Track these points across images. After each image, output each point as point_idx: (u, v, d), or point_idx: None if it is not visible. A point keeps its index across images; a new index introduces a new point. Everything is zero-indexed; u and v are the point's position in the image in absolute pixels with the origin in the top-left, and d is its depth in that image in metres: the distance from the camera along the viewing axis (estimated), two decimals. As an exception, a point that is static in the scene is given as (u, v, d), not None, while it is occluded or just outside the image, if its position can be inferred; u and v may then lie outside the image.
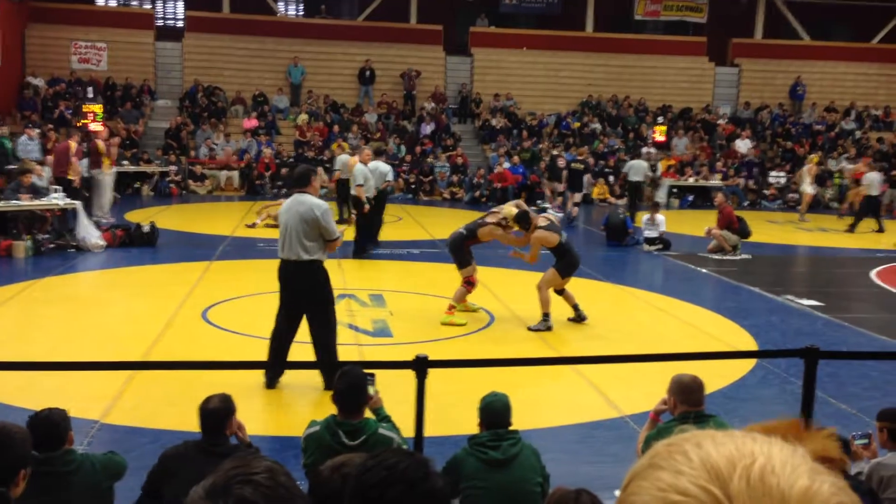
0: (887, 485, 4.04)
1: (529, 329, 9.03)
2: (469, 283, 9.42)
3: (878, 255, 15.05)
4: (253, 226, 16.05)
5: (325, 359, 6.75)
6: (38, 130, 18.66)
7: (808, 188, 19.68)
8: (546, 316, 9.05)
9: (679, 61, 27.62)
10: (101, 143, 16.36)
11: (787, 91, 27.77)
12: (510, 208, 9.60)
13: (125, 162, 21.01)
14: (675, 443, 0.70)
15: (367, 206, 12.91)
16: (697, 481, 0.64)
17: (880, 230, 17.48)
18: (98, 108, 18.02)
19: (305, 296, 6.93)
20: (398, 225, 17.29)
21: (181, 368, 6.05)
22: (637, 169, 19.25)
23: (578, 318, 9.35)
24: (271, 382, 6.82)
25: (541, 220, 9.42)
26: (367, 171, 13.07)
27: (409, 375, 4.46)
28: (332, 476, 2.48)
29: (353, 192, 13.14)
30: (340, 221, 17.04)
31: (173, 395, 6.31)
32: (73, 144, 15.34)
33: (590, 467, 5.52)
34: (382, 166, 14.08)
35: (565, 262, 9.16)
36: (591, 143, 24.03)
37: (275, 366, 6.87)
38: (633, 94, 26.73)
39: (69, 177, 14.77)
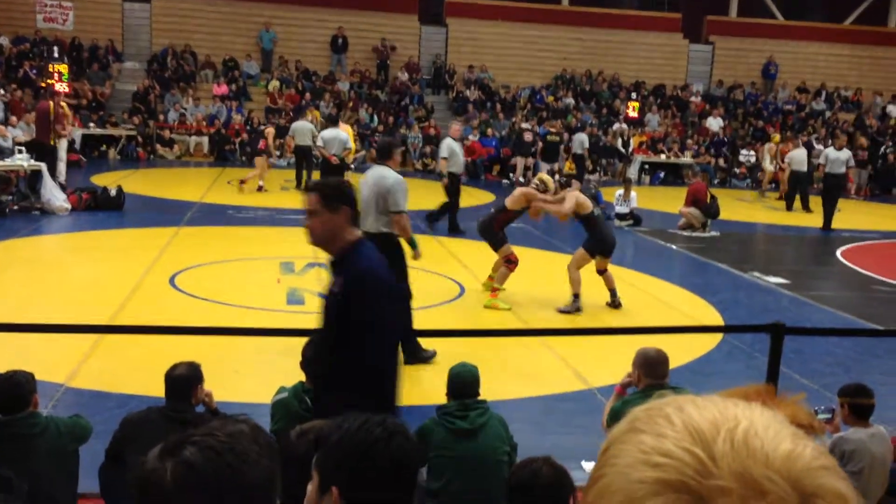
0: (849, 458, 4.12)
1: (559, 311, 8.75)
2: (510, 262, 8.98)
3: (844, 234, 15.27)
4: (261, 189, 16.29)
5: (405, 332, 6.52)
6: (0, 91, 18.23)
7: (769, 166, 20.03)
8: (576, 297, 8.75)
9: (654, 37, 27.63)
10: (66, 106, 16.01)
11: (760, 70, 27.94)
12: (543, 174, 9.48)
13: (91, 124, 20.63)
14: (657, 407, 0.69)
15: (445, 180, 12.89)
16: (681, 443, 0.63)
17: (806, 208, 17.54)
18: (63, 68, 17.62)
19: None
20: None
21: (148, 333, 5.98)
22: (577, 142, 19.74)
23: (613, 304, 8.95)
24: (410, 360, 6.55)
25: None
26: (455, 146, 12.99)
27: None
28: (298, 442, 2.47)
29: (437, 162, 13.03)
30: (298, 185, 17.03)
31: (140, 360, 6.24)
32: (52, 105, 14.94)
33: (557, 438, 5.56)
34: (341, 134, 14.18)
35: (595, 240, 8.80)
36: (565, 118, 24.03)
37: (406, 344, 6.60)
38: (607, 69, 26.73)
39: (51, 142, 14.35)
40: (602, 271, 9.00)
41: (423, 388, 6.22)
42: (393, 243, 6.69)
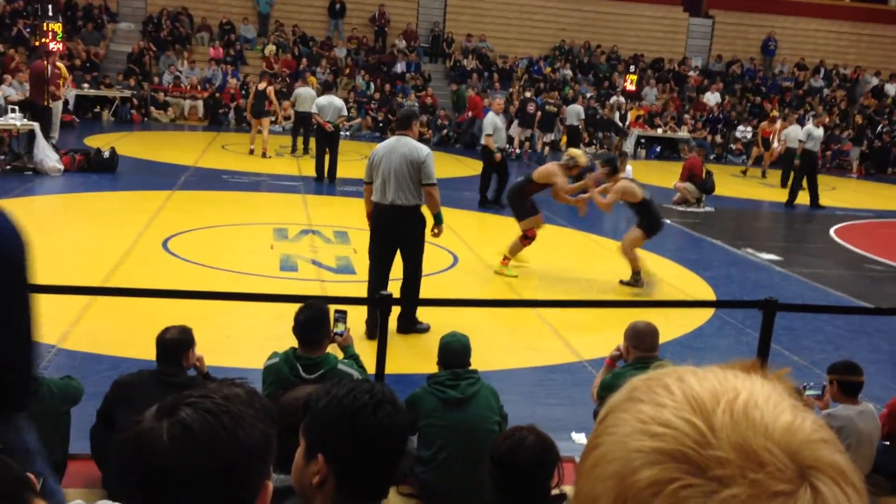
0: (837, 434, 4.15)
1: (621, 283, 8.76)
2: (526, 238, 8.93)
3: (837, 212, 15.29)
4: (265, 156, 16.34)
5: (407, 303, 6.60)
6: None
7: (777, 145, 19.82)
8: (637, 273, 8.69)
9: (653, 10, 27.40)
10: (63, 68, 15.84)
11: (759, 46, 27.78)
12: (576, 150, 9.16)
13: (85, 85, 20.43)
14: (656, 377, 0.69)
15: (498, 155, 12.78)
16: (680, 413, 0.63)
17: (784, 185, 17.51)
18: (58, 27, 17.38)
19: (400, 240, 6.60)
20: (364, 163, 17.10)
21: (140, 296, 5.96)
22: (572, 113, 19.58)
23: (634, 282, 8.79)
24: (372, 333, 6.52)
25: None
26: (498, 120, 12.88)
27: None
28: (294, 405, 2.46)
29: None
30: (293, 151, 16.98)
31: (132, 323, 6.24)
32: (48, 65, 14.74)
33: (547, 409, 5.60)
34: (336, 101, 14.10)
35: (650, 221, 8.70)
36: (562, 90, 23.89)
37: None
38: (605, 42, 26.54)
39: (45, 103, 14.18)
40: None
41: (414, 357, 6.23)
42: (418, 217, 6.62)
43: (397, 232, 6.61)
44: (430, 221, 6.90)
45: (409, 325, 6.79)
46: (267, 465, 1.30)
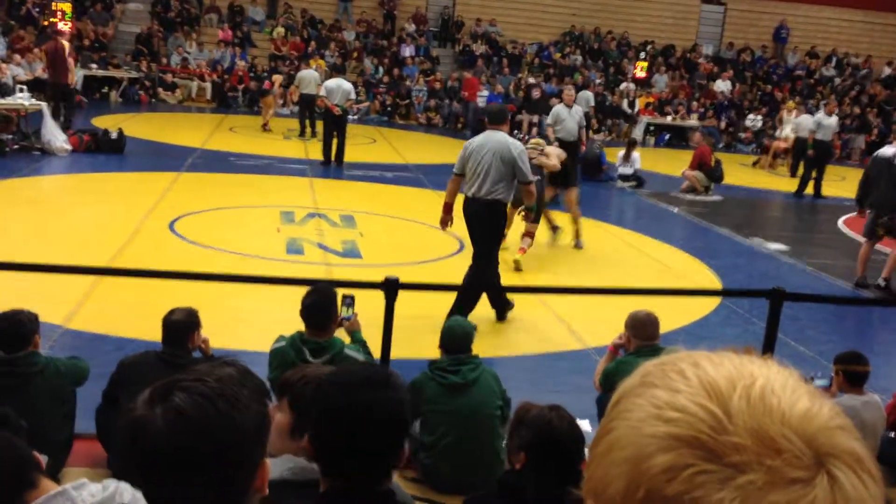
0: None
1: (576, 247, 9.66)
2: (528, 235, 9.08)
3: (846, 203, 15.21)
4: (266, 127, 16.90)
5: (495, 299, 6.85)
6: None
7: (791, 133, 19.61)
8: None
9: (665, -4, 27.21)
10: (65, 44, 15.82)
11: (771, 33, 27.57)
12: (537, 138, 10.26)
13: (93, 65, 20.41)
14: (670, 362, 0.68)
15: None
16: (696, 399, 0.62)
17: (793, 175, 17.38)
18: (67, 6, 17.36)
19: (479, 230, 6.74)
20: (371, 147, 17.11)
21: (146, 277, 5.98)
22: (582, 100, 19.33)
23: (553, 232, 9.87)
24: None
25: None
26: (563, 111, 12.37)
27: (379, 297, 4.44)
28: (299, 382, 2.46)
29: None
30: (301, 134, 16.97)
31: (138, 304, 6.25)
32: (66, 45, 14.71)
33: (552, 396, 5.57)
34: (344, 84, 14.03)
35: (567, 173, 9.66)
36: (572, 76, 23.77)
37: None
38: (616, 28, 26.37)
39: (69, 82, 14.19)
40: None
41: (420, 341, 6.24)
42: (499, 210, 6.72)
43: (476, 223, 6.73)
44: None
45: (501, 309, 7.00)
46: (264, 444, 1.31)
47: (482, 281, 6.68)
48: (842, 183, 17.13)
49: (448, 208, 6.88)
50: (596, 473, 0.65)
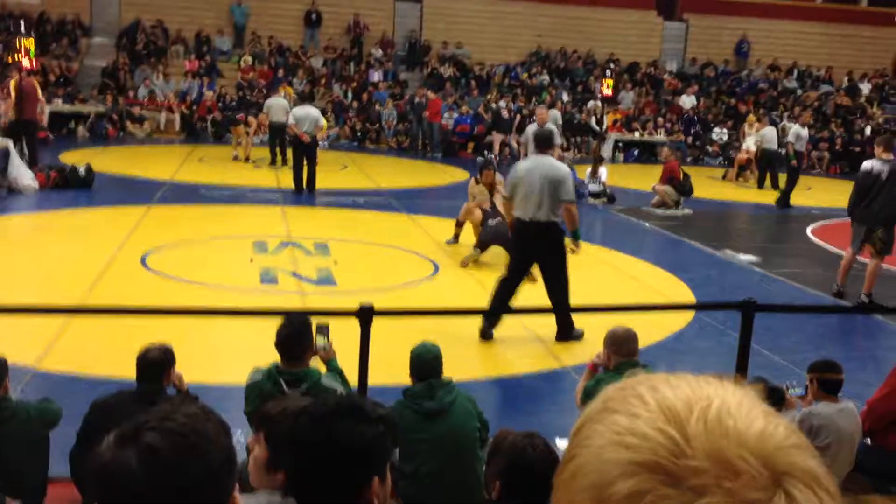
0: (817, 433, 4.19)
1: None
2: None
3: (814, 212, 15.43)
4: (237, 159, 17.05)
5: (560, 313, 6.96)
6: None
7: (753, 145, 19.94)
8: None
9: (628, 14, 27.58)
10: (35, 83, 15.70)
11: (733, 48, 28.02)
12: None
13: (58, 101, 20.26)
14: (629, 386, 0.69)
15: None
16: (654, 424, 0.63)
17: (775, 186, 17.68)
18: (30, 42, 17.24)
19: (539, 254, 7.00)
20: (343, 173, 17.10)
21: (119, 314, 5.91)
22: (552, 118, 19.49)
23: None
24: (487, 333, 7.02)
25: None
26: (529, 132, 12.86)
27: (354, 324, 4.43)
28: (278, 416, 2.44)
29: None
30: (272, 163, 16.95)
31: (111, 342, 6.18)
32: (36, 83, 14.62)
33: (532, 416, 5.59)
34: (313, 111, 14.08)
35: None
36: (539, 95, 23.98)
37: (495, 315, 6.98)
38: (581, 47, 26.68)
39: (35, 119, 14.10)
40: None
41: (397, 368, 6.21)
42: (558, 231, 7.00)
43: (537, 246, 7.01)
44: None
45: (567, 333, 7.09)
46: (233, 478, 1.31)
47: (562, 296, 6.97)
48: (809, 193, 17.38)
49: (512, 228, 7.37)
50: (561, 500, 0.66)
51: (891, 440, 4.68)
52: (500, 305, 6.96)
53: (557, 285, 7.02)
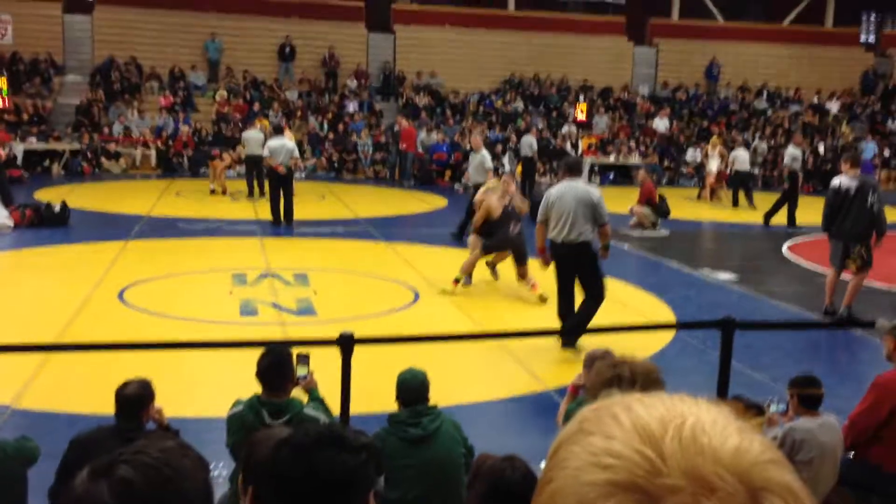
0: (799, 448, 4.20)
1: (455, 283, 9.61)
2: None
3: (790, 230, 15.60)
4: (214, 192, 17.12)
5: (579, 321, 7.36)
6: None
7: (713, 166, 20.17)
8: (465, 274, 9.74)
9: (599, 40, 27.96)
10: None
11: (703, 71, 28.44)
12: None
13: (32, 139, 20.16)
14: (604, 407, 0.69)
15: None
16: (630, 444, 0.63)
17: (751, 205, 17.88)
18: (2, 82, 17.20)
19: (577, 271, 7.50)
20: (321, 203, 17.10)
21: (97, 350, 5.84)
22: (525, 144, 19.70)
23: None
24: (571, 343, 7.38)
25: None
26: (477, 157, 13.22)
27: (335, 353, 4.41)
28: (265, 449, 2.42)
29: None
30: (250, 195, 16.92)
31: (89, 378, 6.11)
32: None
33: (516, 440, 5.57)
34: (288, 143, 14.11)
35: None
36: (514, 122, 24.17)
37: (571, 330, 7.32)
38: (554, 73, 26.97)
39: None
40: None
41: (379, 396, 6.18)
42: (591, 249, 7.55)
43: (573, 265, 7.53)
44: None
45: (573, 339, 7.39)
46: None
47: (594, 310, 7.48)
48: (782, 210, 17.53)
49: (542, 251, 7.68)
50: None
51: (873, 453, 4.70)
52: (566, 313, 7.51)
53: (591, 300, 7.53)
